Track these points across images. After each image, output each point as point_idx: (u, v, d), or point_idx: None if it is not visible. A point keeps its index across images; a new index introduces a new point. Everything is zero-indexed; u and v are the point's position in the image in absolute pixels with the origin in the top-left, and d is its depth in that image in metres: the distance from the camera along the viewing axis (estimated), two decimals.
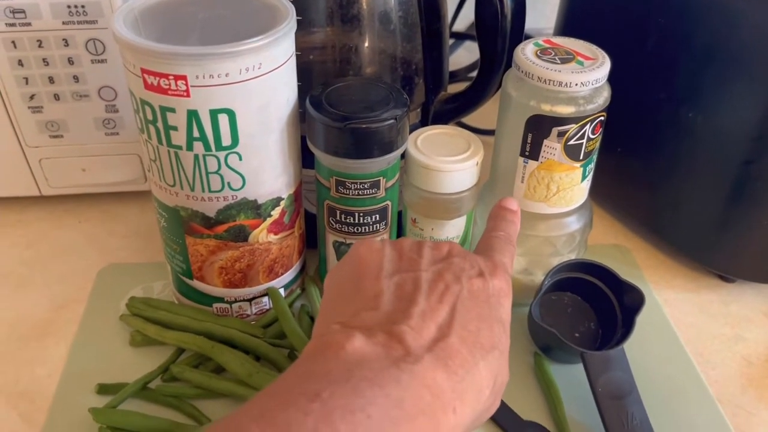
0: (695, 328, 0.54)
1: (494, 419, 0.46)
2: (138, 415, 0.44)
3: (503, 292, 0.35)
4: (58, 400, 0.46)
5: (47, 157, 0.59)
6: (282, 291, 0.52)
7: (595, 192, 0.53)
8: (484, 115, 0.62)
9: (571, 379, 0.48)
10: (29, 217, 0.63)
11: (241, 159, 0.43)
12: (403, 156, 0.49)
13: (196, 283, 0.49)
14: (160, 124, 0.42)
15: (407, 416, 0.27)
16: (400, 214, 0.54)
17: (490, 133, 0.64)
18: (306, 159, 0.49)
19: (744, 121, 0.49)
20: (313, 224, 0.53)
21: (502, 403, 0.46)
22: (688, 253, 0.59)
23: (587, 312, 0.52)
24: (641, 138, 0.57)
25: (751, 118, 0.49)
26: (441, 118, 0.59)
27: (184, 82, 0.39)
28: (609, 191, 0.63)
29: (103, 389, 0.46)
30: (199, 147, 0.42)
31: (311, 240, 0.55)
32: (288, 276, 0.52)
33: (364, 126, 0.43)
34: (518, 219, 0.40)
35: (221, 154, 0.42)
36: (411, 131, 0.50)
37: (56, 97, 0.55)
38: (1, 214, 0.63)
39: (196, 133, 0.41)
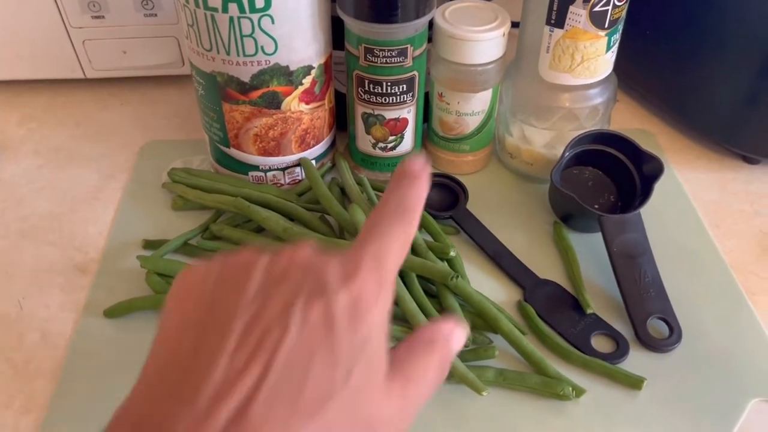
0: (714, 204, 0.55)
1: (512, 277, 0.48)
2: (181, 263, 0.47)
3: (362, 302, 0.25)
4: (108, 253, 0.50)
5: (90, 38, 0.61)
6: (313, 163, 0.54)
7: (621, 77, 0.54)
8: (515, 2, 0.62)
9: (588, 246, 0.50)
10: (75, 99, 0.66)
11: (273, 22, 0.45)
12: (431, 31, 0.50)
13: (233, 151, 0.52)
14: None
15: None
16: (427, 96, 0.55)
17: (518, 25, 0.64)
18: (336, 40, 0.51)
19: None
20: (343, 105, 0.55)
21: (520, 263, 0.49)
22: (712, 135, 0.59)
23: (608, 185, 0.53)
24: (670, 18, 0.57)
25: None
26: None
27: None
28: (636, 76, 0.63)
29: (148, 244, 0.50)
30: (233, 9, 0.44)
31: (341, 122, 0.57)
32: (319, 149, 0.54)
33: None
34: (420, 184, 0.29)
35: (255, 17, 0.44)
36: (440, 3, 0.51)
37: None
38: (49, 96, 0.66)
39: None
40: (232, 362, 0.23)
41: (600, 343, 0.45)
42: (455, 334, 0.28)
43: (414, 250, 0.46)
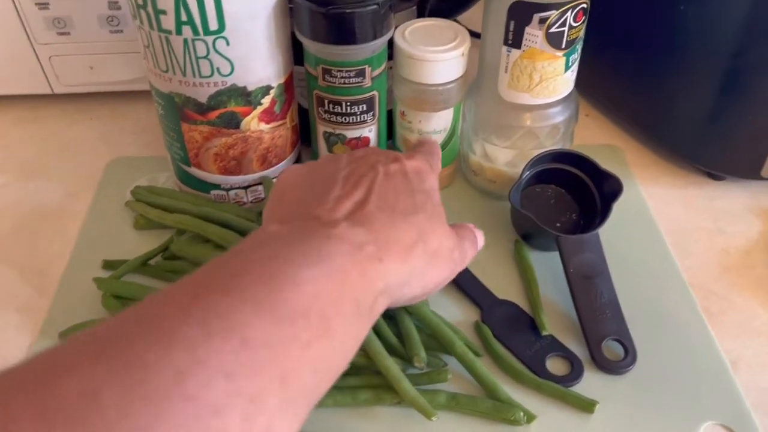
0: (677, 220, 0.55)
1: (470, 296, 0.48)
2: (138, 285, 0.47)
3: (422, 169, 0.39)
4: (67, 274, 0.50)
5: (56, 54, 0.61)
6: (275, 181, 0.54)
7: (588, 92, 0.54)
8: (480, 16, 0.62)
9: (548, 264, 0.50)
10: (43, 114, 0.66)
11: (228, 44, 0.45)
12: (392, 48, 0.50)
13: (194, 170, 0.52)
14: (150, 9, 0.43)
15: (330, 261, 0.30)
16: (390, 113, 0.55)
17: None
18: (299, 55, 0.51)
19: (733, 12, 0.49)
20: (308, 120, 0.55)
21: (479, 282, 0.49)
22: (677, 151, 0.59)
23: (569, 203, 0.53)
24: (634, 34, 0.57)
25: (740, 8, 0.49)
26: (437, 16, 0.59)
27: None
28: (602, 91, 0.63)
29: (108, 265, 0.50)
30: (187, 31, 0.44)
31: (306, 135, 0.57)
32: (282, 166, 0.54)
33: (347, 11, 0.44)
34: (438, 149, 0.46)
35: (209, 39, 0.44)
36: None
37: None
38: (17, 111, 0.66)
39: (184, 17, 0.43)
40: (343, 187, 0.35)
41: (555, 365, 0.45)
42: (480, 235, 0.43)
43: None
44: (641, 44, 0.57)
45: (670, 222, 0.55)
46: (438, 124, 0.53)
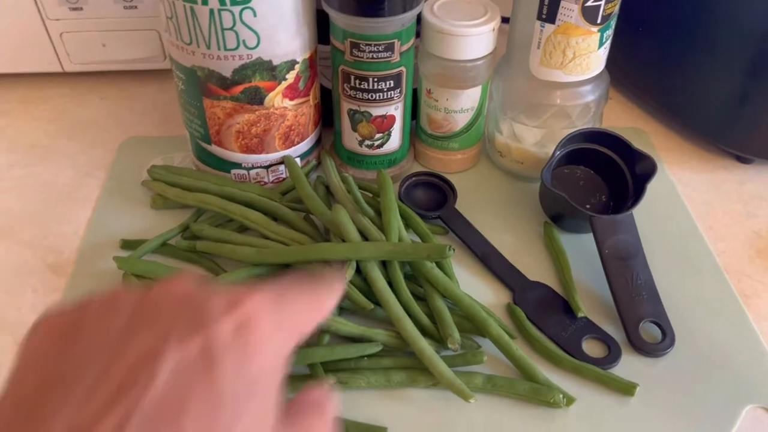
0: (707, 204, 0.54)
1: (501, 279, 0.47)
2: (159, 264, 0.46)
3: (254, 333, 0.21)
4: (84, 253, 0.48)
5: (68, 30, 0.59)
6: (298, 161, 0.53)
7: (614, 75, 0.52)
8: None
9: (579, 247, 0.49)
10: (52, 93, 0.64)
11: (255, 15, 0.43)
12: (419, 26, 0.49)
13: (215, 148, 0.51)
14: None
15: None
16: (415, 92, 0.54)
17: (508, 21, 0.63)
18: (322, 34, 0.49)
19: None
20: (329, 101, 0.53)
21: (509, 264, 0.48)
22: (705, 135, 0.58)
23: (599, 185, 0.52)
24: (663, 16, 0.56)
25: None
26: None
27: None
28: (629, 74, 0.62)
29: (126, 244, 0.48)
30: (213, 1, 0.42)
31: (327, 117, 0.55)
32: (304, 146, 0.53)
33: None
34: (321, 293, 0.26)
35: (236, 9, 0.43)
36: None
37: None
38: (26, 90, 0.64)
39: None
40: (76, 414, 0.19)
41: (591, 347, 0.43)
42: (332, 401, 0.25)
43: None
44: (669, 25, 0.56)
45: (700, 206, 0.54)
46: (465, 102, 0.51)
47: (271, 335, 0.22)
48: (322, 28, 0.48)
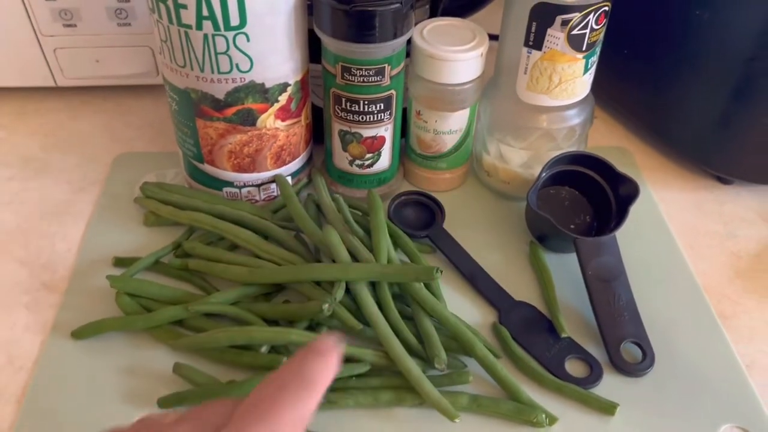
0: (688, 224, 0.55)
1: (488, 299, 0.48)
2: (152, 283, 0.46)
3: None
4: (78, 270, 0.49)
5: (62, 46, 0.60)
6: (289, 179, 0.54)
7: (600, 96, 0.54)
8: (492, 17, 0.62)
9: (564, 266, 0.50)
10: (46, 108, 0.64)
11: (249, 40, 0.44)
12: (409, 46, 0.50)
13: (207, 167, 0.51)
14: (170, 2, 0.42)
15: None
16: (405, 111, 0.55)
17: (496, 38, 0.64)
18: (314, 53, 0.50)
19: (750, 16, 0.50)
20: (320, 119, 0.54)
21: (495, 284, 0.49)
22: (688, 155, 0.60)
23: (584, 205, 0.53)
24: (648, 38, 0.58)
25: (756, 13, 0.49)
26: (450, 15, 0.59)
27: None
28: (614, 94, 0.63)
29: (119, 262, 0.49)
30: (208, 26, 0.43)
31: (318, 135, 0.56)
32: (295, 165, 0.54)
33: (369, 8, 0.44)
34: (328, 360, 0.26)
35: (230, 34, 0.44)
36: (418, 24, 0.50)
37: None
38: (20, 104, 0.65)
39: (205, 12, 0.42)
40: None
41: (574, 367, 0.45)
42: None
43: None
44: (653, 47, 0.58)
45: (681, 225, 0.55)
46: (454, 124, 0.53)
47: None
48: (314, 47, 0.49)
